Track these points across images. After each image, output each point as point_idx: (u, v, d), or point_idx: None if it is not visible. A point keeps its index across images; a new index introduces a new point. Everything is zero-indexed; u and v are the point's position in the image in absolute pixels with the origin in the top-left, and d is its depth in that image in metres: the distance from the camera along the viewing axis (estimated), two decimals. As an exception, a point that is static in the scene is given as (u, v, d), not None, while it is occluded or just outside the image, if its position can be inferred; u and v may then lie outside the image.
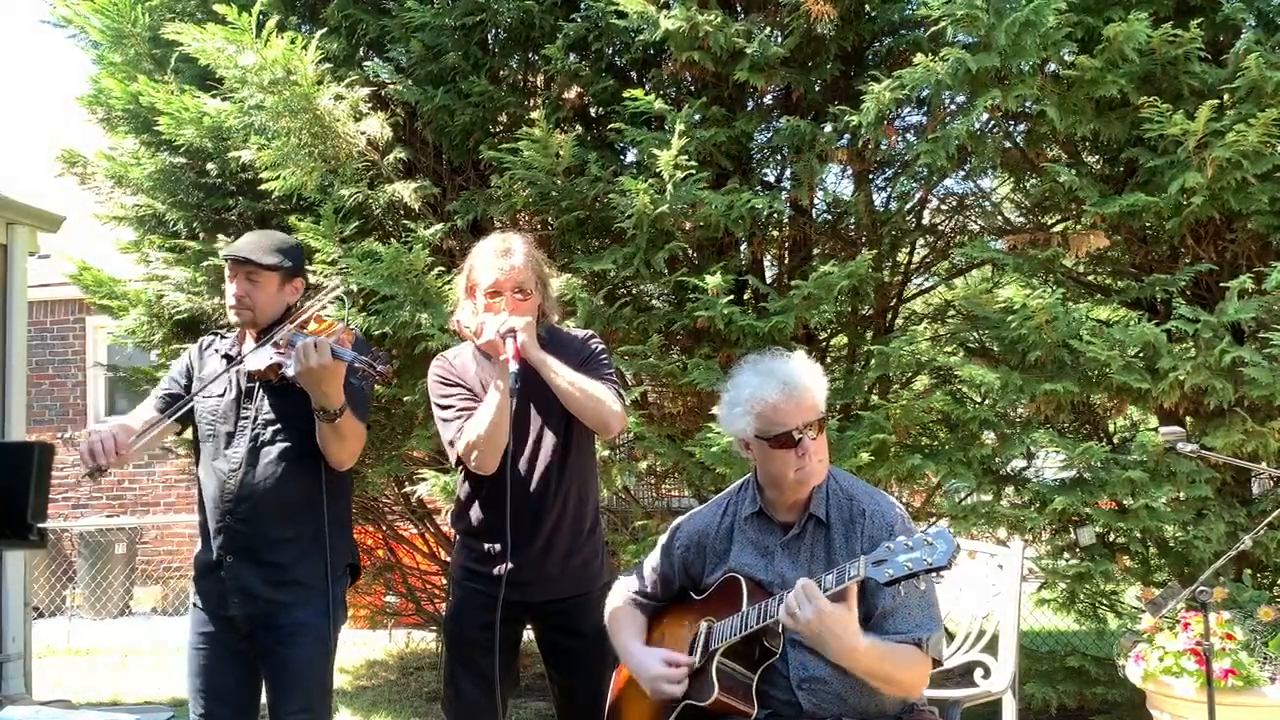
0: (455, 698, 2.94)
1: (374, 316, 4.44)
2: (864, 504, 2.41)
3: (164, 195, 5.38)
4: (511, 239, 2.86)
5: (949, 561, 2.09)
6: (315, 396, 2.70)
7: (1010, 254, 4.40)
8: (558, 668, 2.95)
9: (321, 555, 2.81)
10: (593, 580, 2.90)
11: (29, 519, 3.10)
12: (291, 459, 2.82)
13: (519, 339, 2.67)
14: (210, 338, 3.06)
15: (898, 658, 2.26)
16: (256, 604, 2.81)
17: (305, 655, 2.82)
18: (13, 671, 5.66)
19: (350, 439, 2.79)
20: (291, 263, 2.92)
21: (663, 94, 4.52)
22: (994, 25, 3.81)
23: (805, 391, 2.37)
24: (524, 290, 2.79)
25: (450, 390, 2.88)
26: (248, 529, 2.80)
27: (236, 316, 2.88)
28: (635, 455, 4.68)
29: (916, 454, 4.14)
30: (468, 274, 2.88)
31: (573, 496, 2.88)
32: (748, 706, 2.35)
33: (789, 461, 2.36)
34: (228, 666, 2.87)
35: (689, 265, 4.48)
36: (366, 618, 7.25)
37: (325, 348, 2.62)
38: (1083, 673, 4.49)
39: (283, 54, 4.34)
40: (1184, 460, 3.94)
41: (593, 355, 2.90)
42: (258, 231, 3.11)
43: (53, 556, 9.62)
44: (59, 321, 10.65)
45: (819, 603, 2.15)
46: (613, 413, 2.80)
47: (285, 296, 2.91)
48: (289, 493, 2.81)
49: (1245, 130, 3.77)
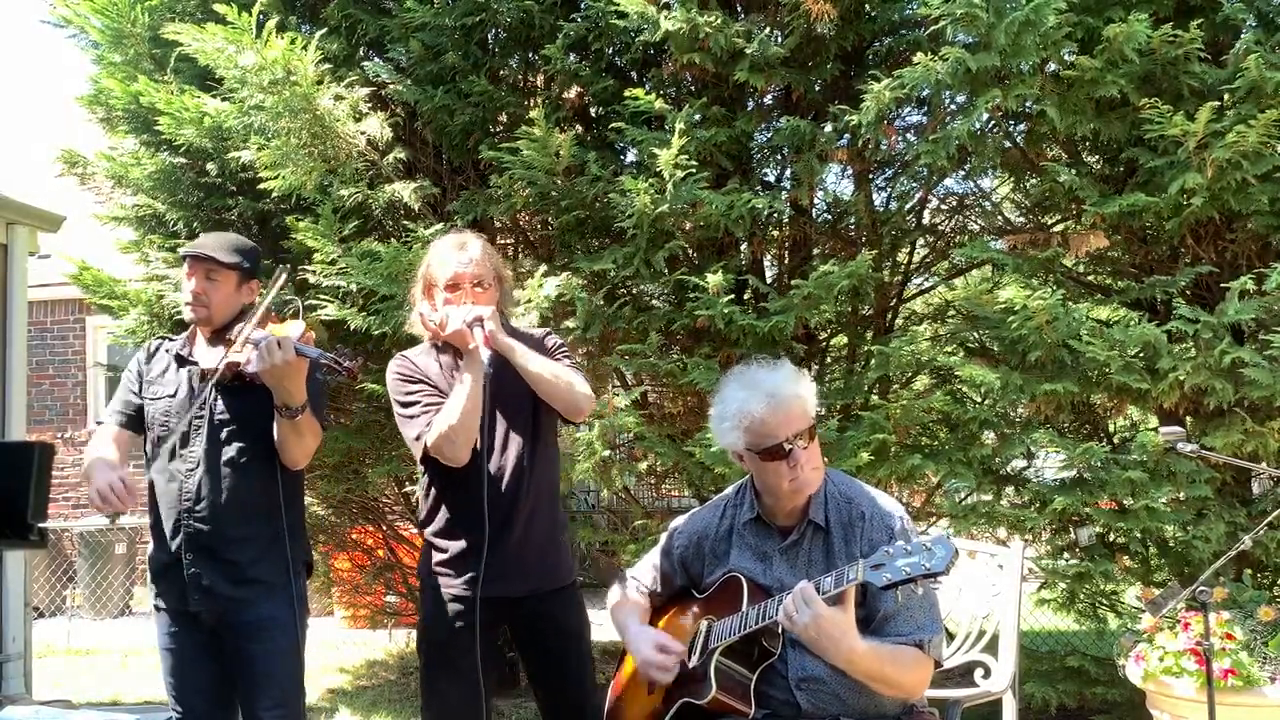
0: (437, 701, 2.88)
1: (374, 316, 4.44)
2: (863, 507, 2.41)
3: (164, 195, 5.39)
4: (467, 236, 2.88)
5: (947, 568, 2.09)
6: (278, 394, 2.73)
7: (1010, 254, 4.40)
8: (538, 664, 2.91)
9: (281, 553, 2.85)
10: (567, 574, 2.90)
11: (29, 519, 3.11)
12: (248, 458, 2.84)
13: (486, 327, 2.67)
14: (158, 340, 3.07)
15: (898, 660, 2.26)
16: (217, 601, 2.83)
17: (274, 650, 2.84)
18: (13, 671, 5.66)
19: (308, 436, 2.82)
20: (250, 264, 2.96)
21: (663, 94, 4.52)
22: (994, 25, 3.81)
23: (792, 402, 2.37)
24: (483, 284, 2.79)
25: (414, 387, 2.85)
26: (207, 528, 2.81)
27: (192, 314, 2.92)
28: (635, 455, 4.68)
29: (916, 454, 4.14)
30: (424, 274, 2.87)
31: (544, 490, 2.86)
32: (745, 706, 2.35)
33: (782, 472, 2.36)
34: (200, 662, 2.89)
35: (689, 265, 4.48)
36: (366, 618, 7.25)
37: (290, 345, 2.65)
38: (1082, 673, 4.48)
39: (282, 54, 4.34)
40: (1184, 460, 3.94)
41: (554, 348, 2.90)
42: (216, 232, 3.15)
43: (53, 556, 9.62)
44: (59, 321, 10.65)
45: (816, 607, 2.15)
46: (584, 395, 2.81)
47: (241, 297, 2.94)
48: (247, 492, 2.84)
49: (1245, 131, 3.77)
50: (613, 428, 4.24)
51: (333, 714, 5.54)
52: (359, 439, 5.19)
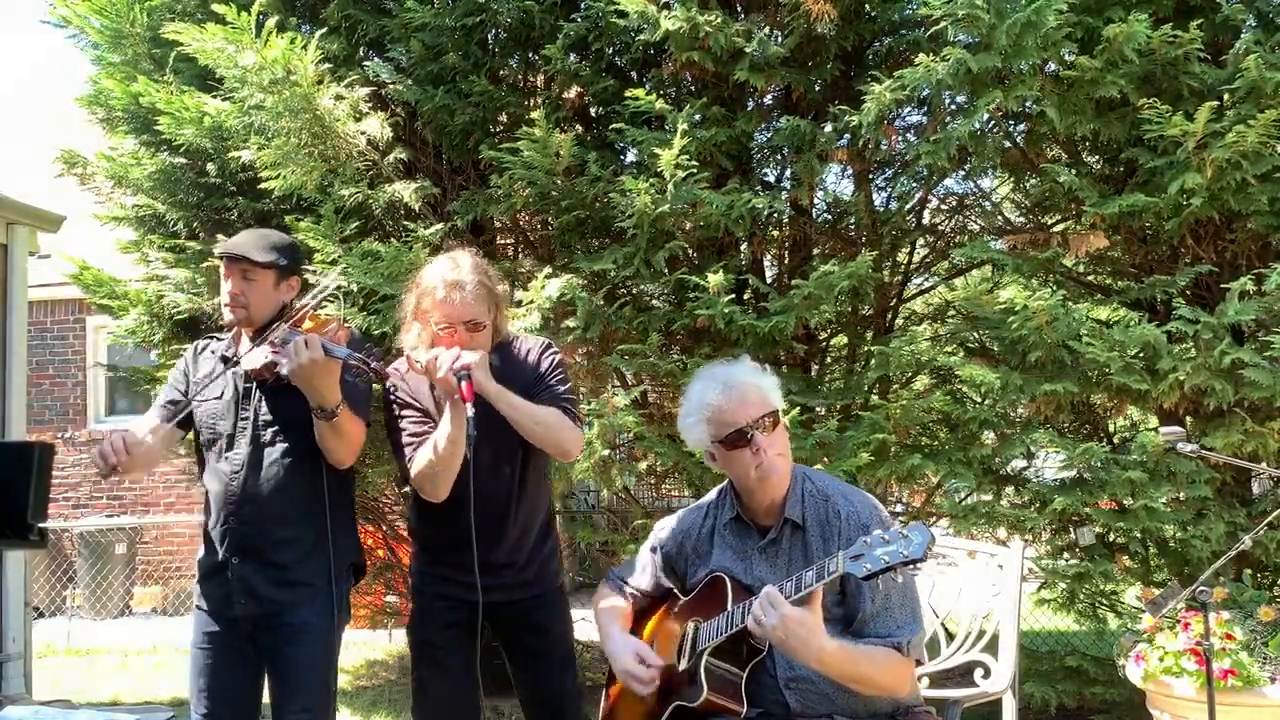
0: (426, 701, 2.90)
1: (374, 316, 4.44)
2: (839, 505, 2.41)
3: (164, 195, 5.38)
4: (461, 266, 2.74)
5: (924, 554, 2.09)
6: (310, 394, 2.67)
7: (1010, 254, 4.40)
8: (522, 666, 2.91)
9: (325, 555, 2.80)
10: (552, 578, 2.90)
11: (29, 519, 3.11)
12: (293, 459, 2.80)
13: (474, 376, 2.59)
14: (205, 340, 3.04)
15: (872, 659, 2.26)
16: (261, 604, 2.80)
17: (308, 655, 2.81)
18: (13, 671, 5.66)
19: (349, 436, 2.76)
20: (287, 261, 2.88)
21: (663, 94, 4.52)
22: (995, 25, 3.81)
23: (747, 388, 2.40)
24: (476, 323, 2.71)
25: (404, 414, 2.82)
26: (252, 530, 2.79)
27: (231, 315, 2.85)
28: (635, 455, 4.68)
29: (916, 454, 4.15)
30: (417, 300, 2.78)
31: (535, 511, 2.86)
32: (737, 705, 2.34)
33: (746, 460, 2.38)
34: (231, 668, 2.86)
35: (689, 265, 4.48)
36: (366, 618, 7.25)
37: (317, 344, 2.59)
38: (1082, 672, 4.49)
39: (282, 54, 4.34)
40: (1184, 460, 3.94)
41: (547, 372, 2.83)
42: (253, 230, 3.10)
43: (53, 556, 9.61)
44: (59, 321, 10.64)
45: (782, 609, 2.15)
46: (570, 439, 2.77)
47: (281, 295, 2.87)
48: (292, 493, 2.79)
49: (1245, 131, 3.77)
50: (612, 427, 4.24)
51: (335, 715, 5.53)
52: (359, 439, 5.18)
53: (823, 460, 4.05)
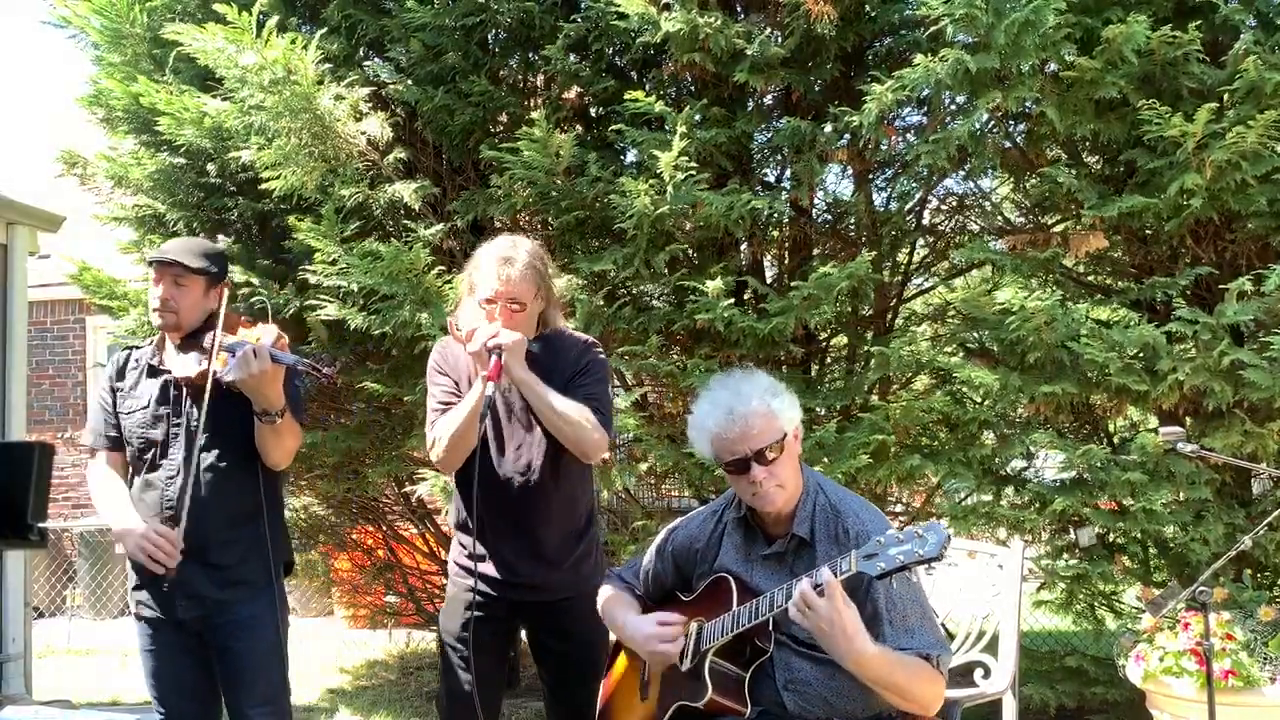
0: (445, 692, 2.93)
1: (374, 316, 4.44)
2: (849, 523, 2.36)
3: (164, 195, 5.38)
4: (517, 247, 2.79)
5: (940, 552, 2.06)
6: (257, 400, 2.77)
7: (1010, 254, 4.40)
8: (547, 669, 2.93)
9: (263, 553, 2.88)
10: (584, 583, 2.86)
11: (29, 519, 3.12)
12: (229, 463, 2.87)
13: (503, 357, 2.63)
14: (124, 352, 3.06)
15: (909, 668, 2.21)
16: (204, 605, 2.85)
17: (261, 647, 2.88)
18: (13, 671, 5.66)
19: (288, 438, 2.86)
20: (217, 269, 2.96)
21: (663, 94, 4.52)
22: (994, 25, 3.81)
23: (751, 419, 2.32)
24: (519, 302, 2.73)
25: (439, 379, 2.88)
26: (192, 534, 2.81)
27: (160, 319, 2.91)
28: (635, 456, 4.68)
29: (916, 454, 4.15)
30: (469, 274, 2.85)
31: (563, 498, 2.85)
32: (741, 705, 2.33)
33: (744, 485, 2.37)
34: (184, 663, 2.91)
35: (689, 266, 4.48)
36: (366, 618, 7.25)
37: (265, 354, 2.70)
38: (1082, 673, 4.49)
39: (283, 54, 4.34)
40: (1183, 461, 3.94)
41: (586, 369, 2.84)
42: (183, 237, 3.16)
43: (53, 556, 9.61)
44: (59, 321, 10.64)
45: (836, 599, 2.10)
46: (592, 441, 2.76)
47: (209, 302, 2.94)
48: (229, 495, 2.86)
49: (1244, 132, 3.78)
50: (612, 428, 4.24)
51: (333, 714, 5.54)
52: (359, 439, 5.18)
53: (822, 461, 4.05)
